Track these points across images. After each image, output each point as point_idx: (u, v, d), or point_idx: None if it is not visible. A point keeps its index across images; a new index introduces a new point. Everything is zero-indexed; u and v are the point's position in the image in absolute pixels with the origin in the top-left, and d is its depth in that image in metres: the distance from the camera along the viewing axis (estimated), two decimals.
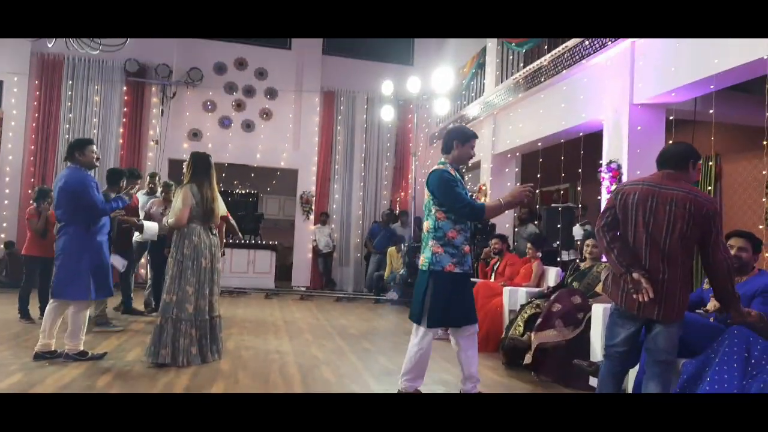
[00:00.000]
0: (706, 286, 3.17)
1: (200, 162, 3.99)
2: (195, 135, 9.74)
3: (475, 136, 3.16)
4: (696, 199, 2.47)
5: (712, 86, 4.37)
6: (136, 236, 5.77)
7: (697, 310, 3.03)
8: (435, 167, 3.09)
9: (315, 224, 10.06)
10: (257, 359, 4.16)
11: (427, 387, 3.36)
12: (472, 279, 5.73)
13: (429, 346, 3.06)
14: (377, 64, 10.46)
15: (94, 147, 3.91)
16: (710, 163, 6.40)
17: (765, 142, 4.86)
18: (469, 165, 3.27)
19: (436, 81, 8.13)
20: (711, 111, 4.69)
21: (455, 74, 8.96)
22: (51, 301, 3.79)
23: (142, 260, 6.95)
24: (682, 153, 2.62)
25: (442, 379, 3.84)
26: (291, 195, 10.55)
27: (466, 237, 3.03)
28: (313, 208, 10.10)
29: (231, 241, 8.58)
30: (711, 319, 2.89)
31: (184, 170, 4.08)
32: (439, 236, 3.01)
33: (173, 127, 9.56)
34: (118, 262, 4.93)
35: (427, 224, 3.08)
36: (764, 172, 5.76)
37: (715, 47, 4.14)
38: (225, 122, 9.93)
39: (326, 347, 4.77)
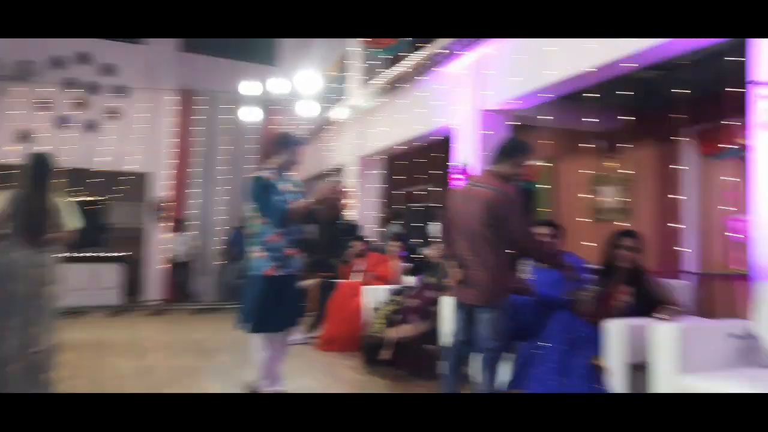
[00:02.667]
0: (527, 275, 3.46)
1: (32, 164, 3.37)
2: (24, 137, 8.55)
3: (298, 143, 3.19)
4: (488, 193, 2.68)
5: (545, 95, 4.82)
6: None
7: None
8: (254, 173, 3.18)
9: (171, 232, 9.36)
10: (92, 388, 3.71)
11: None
12: (331, 280, 5.80)
13: (266, 350, 3.05)
14: (239, 63, 10.06)
15: None
16: (549, 165, 7.08)
17: (584, 145, 5.50)
18: (293, 169, 3.22)
19: (301, 82, 8.04)
20: (547, 117, 5.17)
21: (321, 76, 8.95)
22: None
23: None
24: (500, 149, 2.85)
25: (303, 385, 3.72)
26: (141, 201, 9.70)
27: (289, 240, 3.04)
28: (168, 215, 9.39)
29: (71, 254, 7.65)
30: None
31: None
32: (260, 241, 3.04)
33: None
34: None
35: (251, 230, 3.15)
36: (589, 171, 6.55)
37: (547, 61, 4.56)
38: (62, 122, 8.87)
39: (175, 366, 4.42)
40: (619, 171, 6.21)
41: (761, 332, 2.40)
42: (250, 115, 8.97)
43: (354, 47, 8.22)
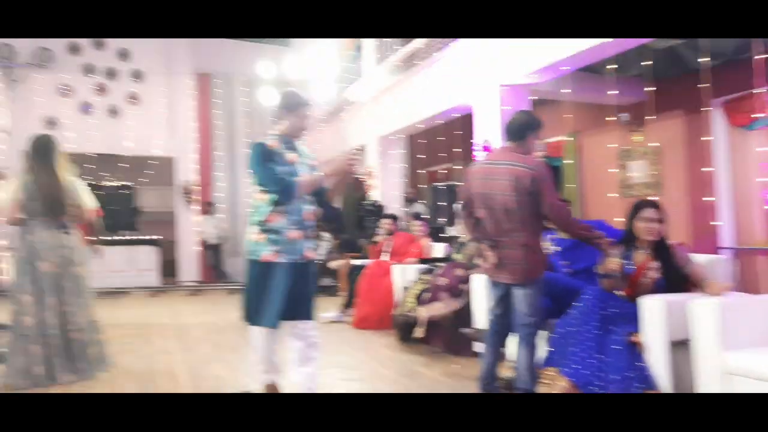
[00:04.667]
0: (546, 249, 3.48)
1: (34, 146, 3.41)
2: (51, 123, 8.71)
3: (305, 103, 2.66)
4: (517, 170, 2.65)
5: (566, 68, 4.78)
6: None
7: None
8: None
9: (201, 215, 9.55)
10: (140, 362, 3.90)
11: (324, 370, 3.28)
12: (360, 260, 5.89)
13: (264, 342, 2.70)
14: (253, 45, 10.06)
15: None
16: (571, 140, 7.04)
17: (614, 119, 5.47)
18: (301, 136, 2.72)
19: (315, 63, 8.04)
20: (568, 91, 5.14)
21: (335, 56, 8.92)
22: None
23: None
24: (520, 124, 2.79)
25: (337, 361, 3.88)
26: (170, 185, 9.90)
27: (293, 221, 2.56)
28: (196, 197, 9.57)
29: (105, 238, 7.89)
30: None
31: None
32: (258, 221, 2.57)
33: (23, 114, 8.48)
34: None
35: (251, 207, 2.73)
36: (614, 145, 6.50)
37: None
38: (85, 108, 9.00)
39: (218, 343, 4.60)
40: (645, 144, 6.17)
41: None
42: (267, 96, 9.00)
43: None
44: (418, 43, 6.60)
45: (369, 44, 8.18)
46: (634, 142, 6.31)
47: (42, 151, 3.40)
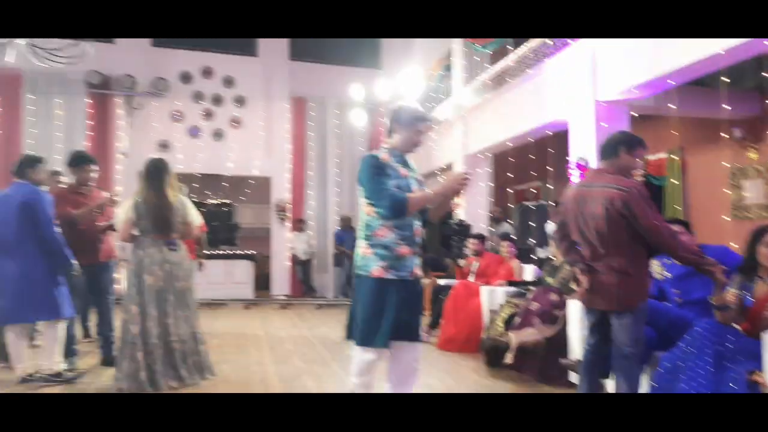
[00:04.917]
0: (657, 275, 3.25)
1: (147, 169, 3.72)
2: (164, 146, 9.57)
3: (423, 119, 2.56)
4: (610, 192, 2.54)
5: (672, 82, 4.50)
6: None
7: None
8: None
9: (292, 231, 10.00)
10: (237, 372, 4.11)
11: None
12: (444, 282, 5.82)
13: (367, 361, 2.52)
14: (346, 69, 10.45)
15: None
16: (675, 157, 6.58)
17: (726, 135, 5.04)
18: (414, 151, 2.63)
19: (404, 84, 8.18)
20: (673, 106, 4.83)
21: (423, 77, 9.03)
22: None
23: None
24: (612, 141, 2.70)
25: (425, 383, 3.84)
26: (266, 203, 10.48)
27: (403, 236, 2.45)
28: (289, 215, 10.04)
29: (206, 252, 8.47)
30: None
31: None
32: (366, 235, 2.49)
33: (141, 138, 9.38)
34: None
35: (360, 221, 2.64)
36: (725, 163, 5.98)
37: (673, 44, 4.26)
38: (194, 132, 9.79)
39: (308, 356, 4.75)
40: (763, 162, 5.62)
41: None
42: (358, 118, 9.27)
43: (456, 44, 8.18)
44: (509, 60, 6.53)
45: (458, 63, 8.20)
46: (749, 159, 5.78)
47: (153, 174, 3.70)
